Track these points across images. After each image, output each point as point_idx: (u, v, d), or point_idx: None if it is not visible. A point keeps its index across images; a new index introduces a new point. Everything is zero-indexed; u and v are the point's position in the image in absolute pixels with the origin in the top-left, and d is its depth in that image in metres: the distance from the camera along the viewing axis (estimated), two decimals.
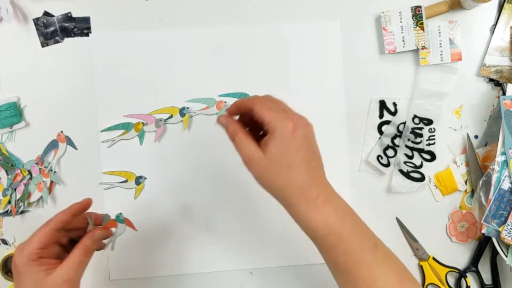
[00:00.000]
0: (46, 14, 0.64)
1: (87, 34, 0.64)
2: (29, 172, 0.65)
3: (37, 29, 0.64)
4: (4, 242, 0.66)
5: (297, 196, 0.48)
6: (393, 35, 0.64)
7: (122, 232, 0.55)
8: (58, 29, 0.64)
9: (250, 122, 0.52)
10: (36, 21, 0.64)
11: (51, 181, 0.65)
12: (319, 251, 0.51)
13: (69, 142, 0.65)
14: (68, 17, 0.64)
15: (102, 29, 0.65)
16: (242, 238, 0.66)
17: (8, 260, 0.65)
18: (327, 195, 0.49)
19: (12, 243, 0.66)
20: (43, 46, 0.65)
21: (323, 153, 0.66)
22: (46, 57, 0.65)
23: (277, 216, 0.67)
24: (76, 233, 0.54)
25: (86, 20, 0.64)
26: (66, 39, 0.65)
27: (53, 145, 0.65)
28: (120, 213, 0.55)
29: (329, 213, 0.48)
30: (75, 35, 0.64)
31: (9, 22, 0.62)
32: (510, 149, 0.61)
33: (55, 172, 0.65)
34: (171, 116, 0.65)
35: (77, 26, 0.64)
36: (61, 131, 0.65)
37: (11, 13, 0.62)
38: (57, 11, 0.64)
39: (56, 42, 0.64)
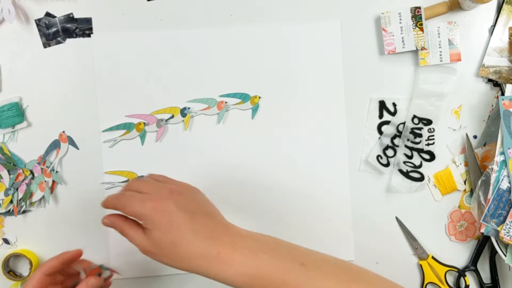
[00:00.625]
0: (48, 15, 0.64)
1: (88, 35, 0.65)
2: (31, 172, 0.65)
3: (39, 30, 0.64)
4: (6, 241, 0.66)
5: (201, 264, 0.46)
6: (393, 35, 0.65)
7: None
8: (60, 30, 0.65)
9: None
10: (38, 22, 0.64)
11: (53, 181, 0.65)
12: None
13: (71, 142, 0.65)
14: (70, 18, 0.64)
15: (103, 30, 0.65)
16: None
17: (9, 259, 0.65)
18: (228, 245, 0.47)
19: (14, 242, 0.66)
20: (45, 46, 0.65)
21: (323, 153, 0.67)
22: (48, 57, 0.65)
23: (276, 216, 0.67)
24: (74, 279, 0.55)
25: (88, 21, 0.65)
26: (68, 40, 0.65)
27: (55, 145, 0.65)
28: (102, 265, 0.55)
29: (239, 262, 0.46)
30: (77, 36, 0.65)
31: (11, 23, 0.63)
32: (509, 149, 0.61)
33: (57, 171, 0.65)
34: (172, 116, 0.66)
35: (79, 27, 0.65)
36: (63, 131, 0.65)
37: (13, 14, 0.62)
38: (59, 12, 0.64)
39: (58, 42, 0.65)
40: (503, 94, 0.66)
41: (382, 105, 0.67)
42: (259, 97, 0.66)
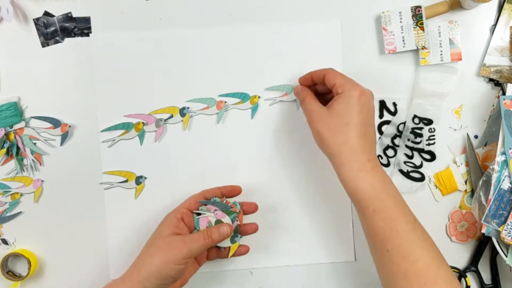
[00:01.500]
0: (47, 14, 0.64)
1: (87, 34, 0.64)
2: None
3: (38, 29, 0.64)
4: (4, 242, 0.66)
5: (350, 156, 0.52)
6: (393, 35, 0.64)
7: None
8: (58, 29, 0.64)
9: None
10: (37, 21, 0.64)
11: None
12: (359, 218, 0.54)
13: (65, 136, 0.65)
14: (68, 17, 0.64)
15: (102, 29, 0.65)
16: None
17: (8, 259, 0.65)
18: (376, 162, 0.53)
19: (13, 243, 0.66)
20: (43, 46, 0.65)
21: (323, 153, 0.67)
22: (47, 57, 0.65)
23: (277, 216, 0.67)
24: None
25: (87, 20, 0.64)
26: (67, 39, 0.65)
27: (53, 121, 0.64)
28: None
29: (376, 177, 0.52)
30: (75, 35, 0.65)
31: (9, 22, 0.62)
32: (510, 149, 0.61)
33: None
34: (171, 116, 0.65)
35: (77, 26, 0.64)
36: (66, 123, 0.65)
37: (12, 13, 0.62)
38: (58, 11, 0.64)
39: (57, 42, 0.65)
40: (504, 93, 0.65)
41: (383, 105, 0.67)
42: (259, 97, 0.66)
